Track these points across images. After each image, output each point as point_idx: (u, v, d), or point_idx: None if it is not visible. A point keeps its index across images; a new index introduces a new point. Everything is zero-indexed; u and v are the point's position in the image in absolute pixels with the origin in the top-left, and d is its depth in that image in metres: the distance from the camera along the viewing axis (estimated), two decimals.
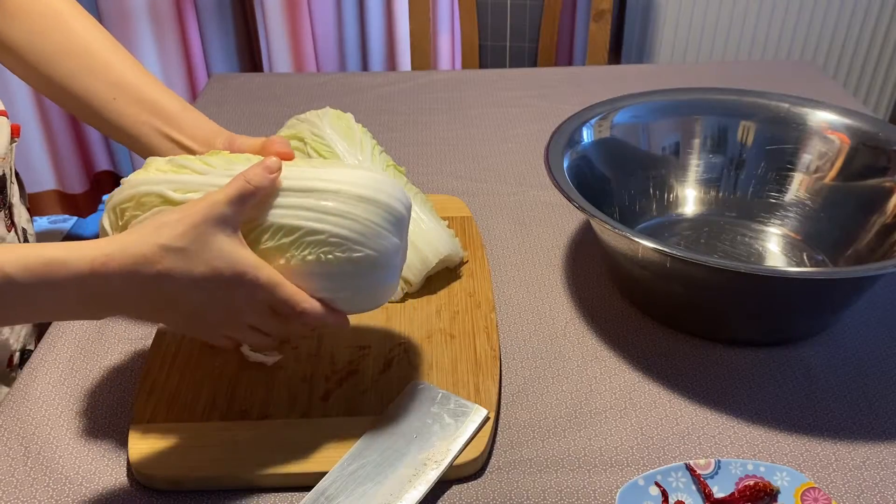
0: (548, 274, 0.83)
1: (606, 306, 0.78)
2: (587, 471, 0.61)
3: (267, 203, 0.55)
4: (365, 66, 2.14)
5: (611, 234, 0.73)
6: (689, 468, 0.58)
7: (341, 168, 0.58)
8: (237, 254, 0.53)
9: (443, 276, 0.79)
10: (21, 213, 0.80)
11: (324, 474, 0.58)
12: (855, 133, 0.83)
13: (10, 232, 0.75)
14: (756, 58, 2.12)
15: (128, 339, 0.74)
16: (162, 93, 0.69)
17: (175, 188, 0.57)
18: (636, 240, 0.66)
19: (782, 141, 0.86)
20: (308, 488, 0.57)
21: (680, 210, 0.89)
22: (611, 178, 0.85)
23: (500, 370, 0.69)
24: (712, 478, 0.58)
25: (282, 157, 0.58)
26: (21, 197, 0.82)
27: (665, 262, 0.69)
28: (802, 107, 0.86)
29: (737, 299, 0.71)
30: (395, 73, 1.38)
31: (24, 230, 0.80)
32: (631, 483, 0.57)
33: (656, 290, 0.75)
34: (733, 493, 0.57)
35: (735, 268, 0.64)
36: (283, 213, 0.55)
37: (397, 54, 2.06)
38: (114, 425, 0.65)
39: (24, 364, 0.79)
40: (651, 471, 0.58)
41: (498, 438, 0.64)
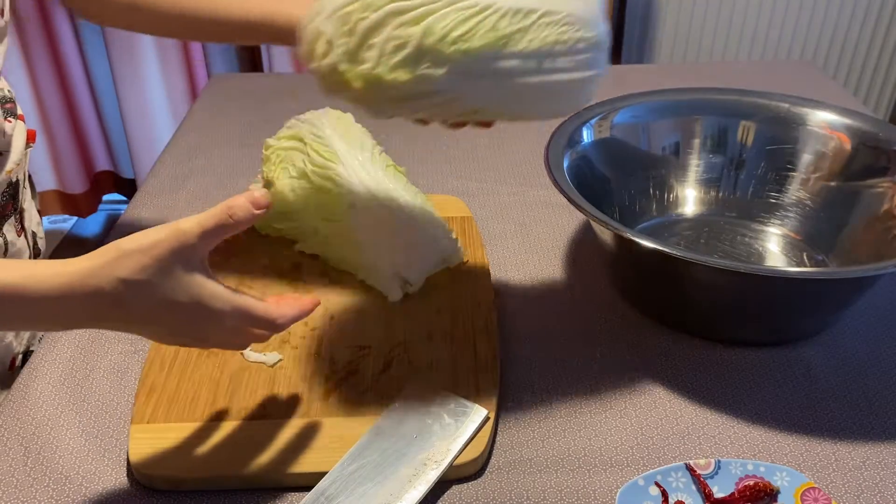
0: (548, 274, 0.83)
1: (606, 306, 0.78)
2: (587, 471, 0.61)
3: None
4: None
5: (611, 234, 0.73)
6: (689, 468, 0.58)
7: None
8: (202, 289, 0.51)
9: (443, 276, 0.79)
10: (32, 217, 0.80)
11: (324, 474, 0.58)
12: (855, 133, 0.83)
13: (20, 237, 0.75)
14: (756, 58, 2.12)
15: (128, 339, 0.74)
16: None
17: None
18: (636, 240, 0.66)
19: (782, 141, 0.86)
20: (308, 488, 0.57)
21: (680, 210, 0.89)
22: (611, 178, 0.85)
23: (500, 370, 0.69)
24: (712, 478, 0.58)
25: None
26: (32, 198, 0.82)
27: (665, 262, 0.69)
28: (802, 107, 0.86)
29: (737, 299, 0.71)
30: None
31: (34, 233, 0.80)
32: (631, 483, 0.57)
33: (656, 290, 0.75)
34: (733, 493, 0.57)
35: (735, 268, 0.64)
36: None
37: None
38: (114, 425, 0.65)
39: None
40: (651, 471, 0.58)
41: (498, 438, 0.64)
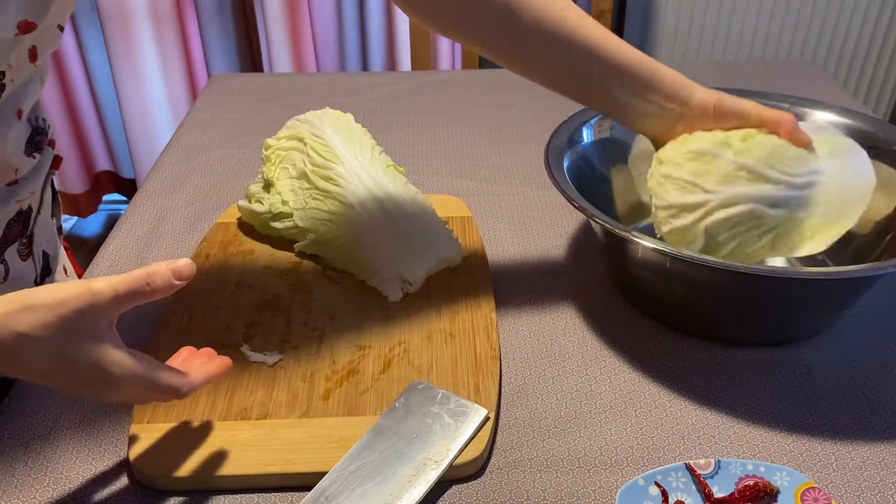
0: (548, 274, 0.83)
1: (606, 306, 0.78)
2: (587, 471, 0.61)
3: None
4: (365, 66, 2.14)
5: (611, 234, 0.73)
6: (689, 468, 0.58)
7: None
8: (103, 355, 0.49)
9: (443, 276, 0.79)
10: (42, 237, 0.78)
11: (324, 474, 0.58)
12: (855, 133, 0.83)
13: (25, 261, 0.74)
14: (756, 58, 2.12)
15: (128, 339, 0.74)
16: (629, 54, 0.70)
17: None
18: (636, 240, 0.66)
19: None
20: (308, 488, 0.57)
21: None
22: (611, 178, 0.85)
23: (500, 370, 0.69)
24: (712, 478, 0.58)
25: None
26: (54, 216, 0.81)
27: (665, 262, 0.69)
28: (802, 107, 0.86)
29: (737, 299, 0.71)
30: (395, 73, 1.38)
31: (46, 254, 0.79)
32: (631, 483, 0.57)
33: (656, 290, 0.75)
34: (733, 493, 0.57)
35: (735, 268, 0.64)
36: None
37: (397, 54, 2.06)
38: (114, 425, 0.65)
39: None
40: (651, 471, 0.58)
41: (498, 438, 0.64)
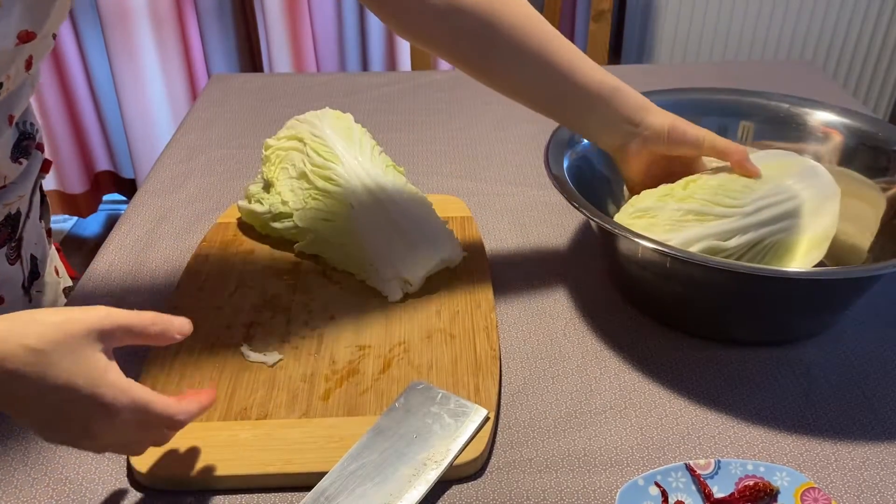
0: (548, 274, 0.83)
1: (606, 306, 0.78)
2: (587, 471, 0.61)
3: None
4: (365, 66, 2.14)
5: (610, 234, 0.73)
6: (689, 468, 0.58)
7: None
8: (103, 375, 0.50)
9: (443, 276, 0.79)
10: (31, 241, 0.79)
11: (324, 474, 0.58)
12: (855, 133, 0.83)
13: (13, 265, 0.74)
14: (756, 58, 2.12)
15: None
16: (593, 73, 0.73)
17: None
18: (636, 240, 0.66)
19: (782, 141, 0.86)
20: (308, 488, 0.57)
21: None
22: (611, 178, 0.85)
23: (500, 370, 0.69)
24: (712, 478, 0.58)
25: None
26: (42, 219, 0.81)
27: (665, 262, 0.69)
28: (802, 107, 0.86)
29: (737, 299, 0.71)
30: (395, 73, 1.38)
31: (34, 258, 0.79)
32: (631, 483, 0.57)
33: (656, 290, 0.75)
34: (733, 493, 0.57)
35: (735, 268, 0.64)
36: None
37: (397, 54, 2.06)
38: None
39: None
40: (651, 471, 0.58)
41: (498, 438, 0.64)
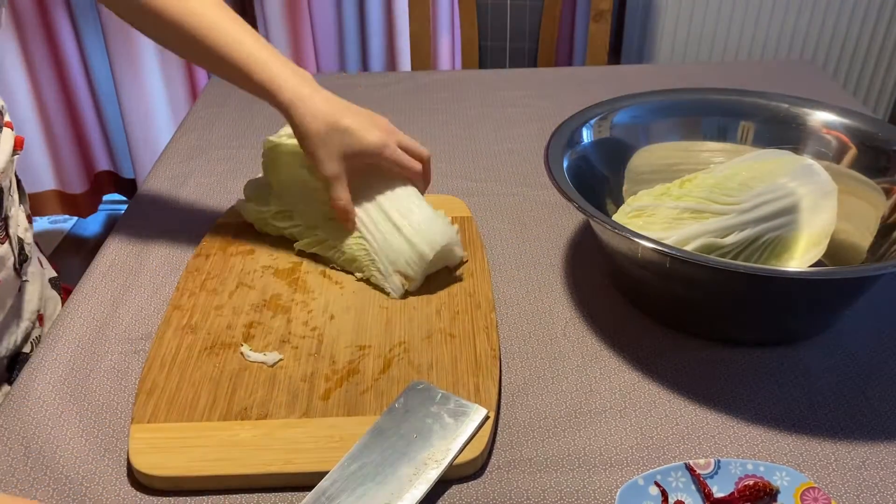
0: (548, 274, 0.83)
1: (606, 306, 0.78)
2: (587, 471, 0.61)
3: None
4: (365, 66, 2.14)
5: (611, 234, 0.73)
6: (689, 468, 0.58)
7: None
8: None
9: (443, 275, 0.79)
10: (20, 222, 0.80)
11: (324, 474, 0.58)
12: (855, 133, 0.83)
13: (3, 244, 0.74)
14: (756, 58, 2.12)
15: (128, 339, 0.74)
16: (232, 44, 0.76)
17: None
18: (636, 240, 0.66)
19: (782, 141, 0.86)
20: (308, 488, 0.57)
21: None
22: (611, 178, 0.85)
23: (500, 370, 0.69)
24: (712, 477, 0.58)
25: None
26: (21, 203, 0.82)
27: (665, 262, 0.69)
28: (802, 107, 0.86)
29: (737, 299, 0.71)
30: (395, 73, 1.38)
31: (21, 240, 0.80)
32: (631, 483, 0.57)
33: (656, 290, 0.75)
34: (733, 493, 0.57)
35: (735, 268, 0.64)
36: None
37: (397, 54, 2.06)
38: (114, 425, 0.65)
39: (14, 369, 0.79)
40: (651, 470, 0.58)
41: (498, 438, 0.64)
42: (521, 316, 0.77)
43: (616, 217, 0.74)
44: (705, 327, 0.74)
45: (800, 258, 0.70)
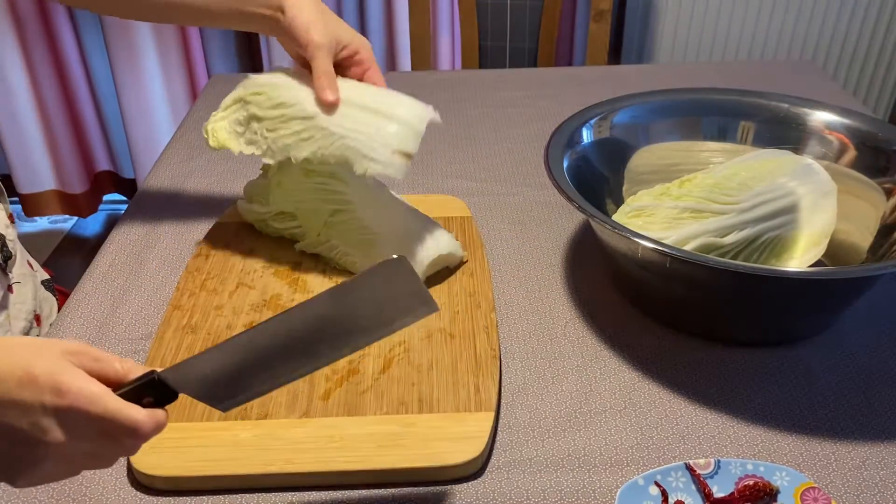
0: (548, 274, 0.83)
1: (606, 306, 0.78)
2: (587, 471, 0.61)
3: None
4: None
5: (611, 234, 0.73)
6: (689, 468, 0.58)
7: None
8: (66, 373, 0.45)
9: (443, 276, 0.79)
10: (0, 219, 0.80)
11: (324, 474, 0.58)
12: (855, 133, 0.83)
13: None
14: (756, 58, 2.12)
15: (128, 339, 0.74)
16: None
17: None
18: (636, 240, 0.66)
19: (782, 141, 0.86)
20: (308, 488, 0.57)
21: None
22: (610, 178, 0.85)
23: (500, 370, 0.69)
24: (712, 477, 0.58)
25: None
26: (0, 202, 0.82)
27: (665, 262, 0.69)
28: (802, 107, 0.86)
29: (737, 299, 0.71)
30: (395, 73, 1.38)
31: (2, 236, 0.79)
32: (631, 483, 0.57)
33: (656, 290, 0.75)
34: (733, 493, 0.57)
35: (735, 268, 0.64)
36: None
37: (397, 54, 2.06)
38: None
39: None
40: (651, 470, 0.58)
41: (498, 438, 0.64)
42: (521, 316, 0.77)
43: (616, 217, 0.74)
44: (705, 327, 0.74)
45: (799, 258, 0.70)
